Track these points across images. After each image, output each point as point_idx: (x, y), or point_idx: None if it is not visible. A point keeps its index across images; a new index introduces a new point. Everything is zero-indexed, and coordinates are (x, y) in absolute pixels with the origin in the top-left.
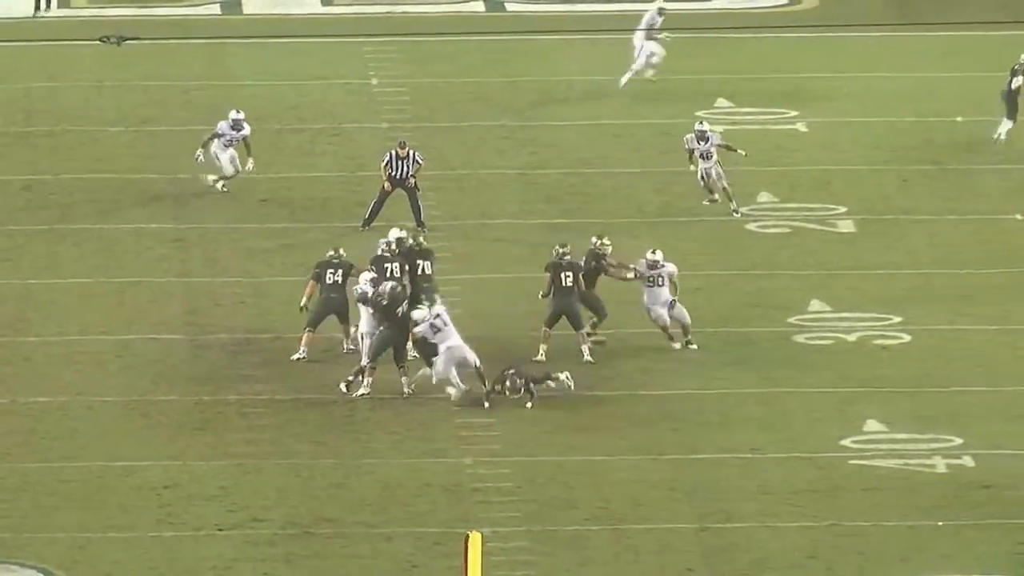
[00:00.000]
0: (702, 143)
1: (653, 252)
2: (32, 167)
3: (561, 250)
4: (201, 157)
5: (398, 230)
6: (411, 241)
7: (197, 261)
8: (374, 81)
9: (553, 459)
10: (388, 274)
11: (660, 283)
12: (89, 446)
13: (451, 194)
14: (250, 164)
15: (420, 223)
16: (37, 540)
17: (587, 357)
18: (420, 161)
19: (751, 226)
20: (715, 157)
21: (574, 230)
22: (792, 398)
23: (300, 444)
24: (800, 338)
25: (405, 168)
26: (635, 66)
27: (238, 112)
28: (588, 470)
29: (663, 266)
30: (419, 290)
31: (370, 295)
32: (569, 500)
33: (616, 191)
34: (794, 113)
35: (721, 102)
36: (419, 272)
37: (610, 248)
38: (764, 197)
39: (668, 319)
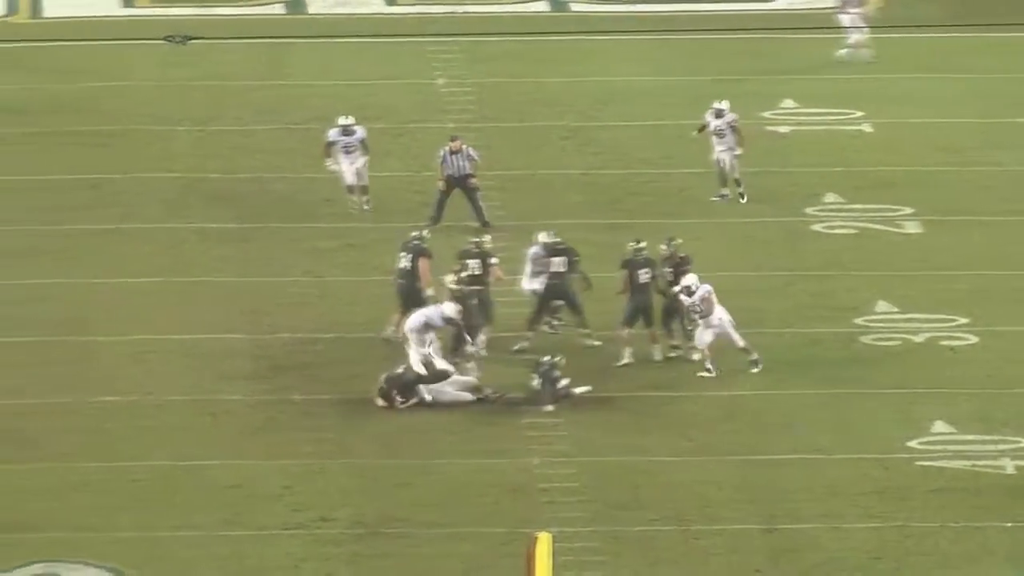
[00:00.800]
0: (717, 120)
1: (684, 277)
2: (97, 166)
3: (636, 246)
4: (333, 165)
5: (546, 234)
6: (555, 240)
7: (260, 261)
8: (440, 81)
9: (619, 459)
10: (469, 272)
11: (698, 310)
12: (154, 445)
13: (513, 194)
14: (362, 161)
15: (484, 223)
16: (103, 539)
17: (657, 357)
18: (475, 156)
19: (817, 227)
20: (729, 143)
21: (636, 231)
22: (858, 399)
23: (364, 444)
24: (866, 339)
25: (460, 163)
26: (852, 40)
27: (346, 117)
28: (654, 470)
29: (695, 291)
30: (549, 286)
31: (437, 323)
32: (636, 501)
33: (679, 192)
34: (860, 114)
35: (787, 103)
36: (553, 269)
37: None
38: (830, 198)
39: (706, 341)
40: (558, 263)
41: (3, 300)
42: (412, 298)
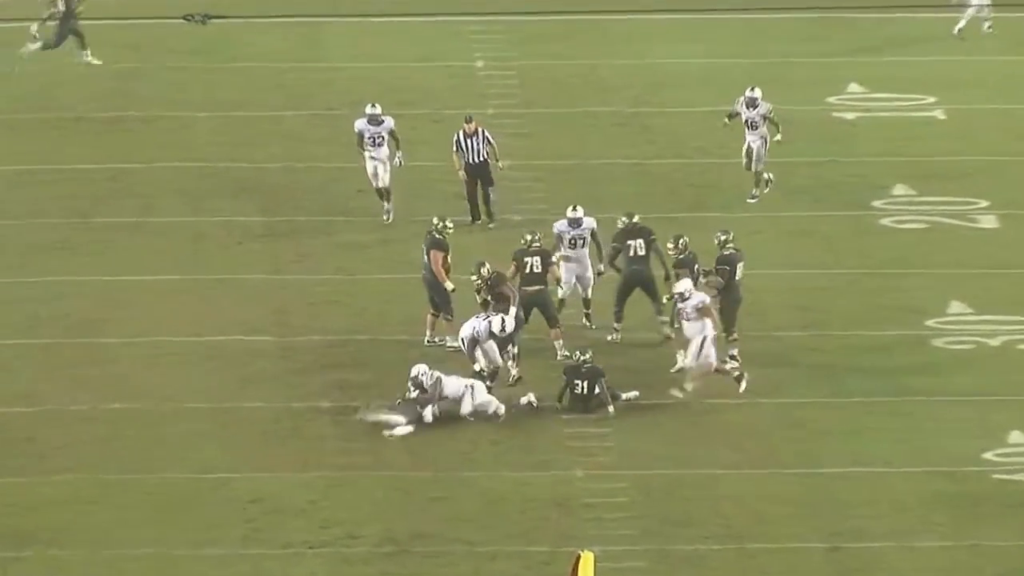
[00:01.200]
0: (750, 110)
1: (677, 282)
2: (117, 155)
3: (683, 245)
4: (366, 160)
5: (572, 209)
6: (631, 220)
7: (288, 256)
8: (480, 63)
9: (669, 472)
10: (528, 269)
11: (688, 318)
12: (173, 456)
13: (561, 185)
14: (398, 159)
15: (489, 215)
16: (118, 556)
17: (727, 366)
18: (491, 141)
19: (885, 221)
20: (762, 132)
21: (692, 225)
22: (929, 407)
23: (397, 455)
24: (938, 342)
25: (476, 147)
26: (970, 12)
27: (373, 106)
28: (707, 484)
29: (688, 298)
30: (631, 272)
31: (481, 336)
32: (687, 517)
33: (738, 184)
34: (932, 99)
35: (853, 87)
36: (631, 253)
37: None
38: (899, 190)
39: (695, 360)
40: (636, 245)
41: (15, 298)
42: (435, 294)
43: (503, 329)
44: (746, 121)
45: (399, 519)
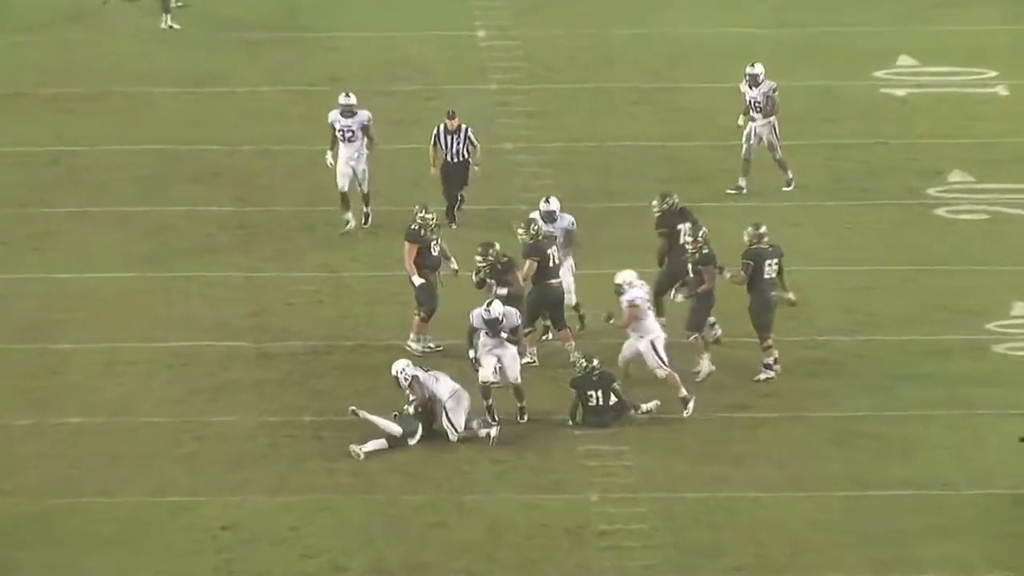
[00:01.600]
0: (752, 89)
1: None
2: (65, 136)
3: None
4: (331, 161)
5: (546, 200)
6: (672, 201)
7: (264, 252)
8: (481, 33)
9: (696, 495)
10: (552, 262)
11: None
12: (132, 477)
13: (573, 170)
14: (362, 159)
15: (449, 215)
16: None
17: (762, 376)
18: (475, 141)
19: (940, 211)
20: (772, 118)
21: (722, 215)
22: (990, 421)
23: (388, 475)
24: (1000, 348)
25: (457, 145)
26: None
27: (347, 95)
28: (739, 508)
29: (623, 292)
30: (680, 264)
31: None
32: (716, 545)
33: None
34: (992, 73)
35: (904, 60)
36: (680, 240)
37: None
38: (956, 176)
39: (628, 357)
40: (686, 230)
41: None
42: (416, 291)
43: (488, 310)
44: (749, 102)
45: (390, 548)
